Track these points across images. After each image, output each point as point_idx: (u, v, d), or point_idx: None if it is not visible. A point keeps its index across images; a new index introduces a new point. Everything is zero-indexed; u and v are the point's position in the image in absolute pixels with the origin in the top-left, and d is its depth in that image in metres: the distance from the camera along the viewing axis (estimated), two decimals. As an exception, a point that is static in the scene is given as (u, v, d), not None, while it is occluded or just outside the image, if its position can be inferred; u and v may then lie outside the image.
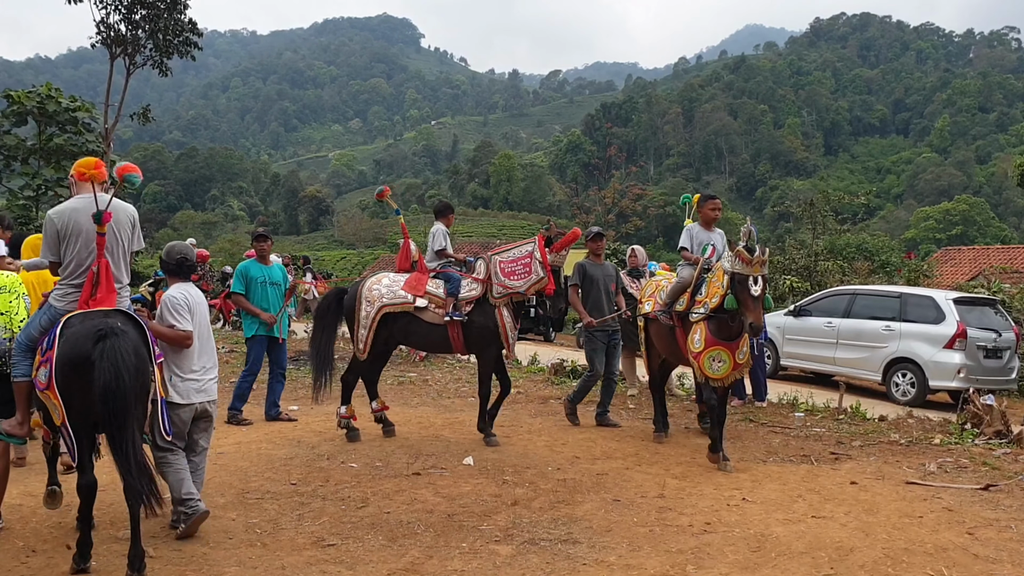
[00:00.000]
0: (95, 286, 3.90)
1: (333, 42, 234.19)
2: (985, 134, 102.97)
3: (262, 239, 7.90)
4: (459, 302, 6.55)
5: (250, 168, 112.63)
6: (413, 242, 7.27)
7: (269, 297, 7.62)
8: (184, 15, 22.38)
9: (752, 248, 5.56)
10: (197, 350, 4.47)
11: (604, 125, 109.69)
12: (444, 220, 7.29)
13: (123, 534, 4.26)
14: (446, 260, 7.03)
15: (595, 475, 5.74)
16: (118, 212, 4.09)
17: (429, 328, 6.64)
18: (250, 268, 7.67)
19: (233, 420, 7.38)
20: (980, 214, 64.68)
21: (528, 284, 6.42)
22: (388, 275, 6.99)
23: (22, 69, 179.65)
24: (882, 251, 23.17)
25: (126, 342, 3.71)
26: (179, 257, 4.59)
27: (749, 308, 5.55)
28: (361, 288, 6.85)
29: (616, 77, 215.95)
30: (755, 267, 5.52)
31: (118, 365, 3.61)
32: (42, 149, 23.72)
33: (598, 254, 7.98)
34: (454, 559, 4.04)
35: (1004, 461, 6.43)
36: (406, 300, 6.63)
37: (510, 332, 6.59)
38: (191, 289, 4.60)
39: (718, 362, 5.98)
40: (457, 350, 6.84)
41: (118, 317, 3.85)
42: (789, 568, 3.99)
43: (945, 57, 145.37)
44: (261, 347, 7.67)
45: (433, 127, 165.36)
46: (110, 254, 3.99)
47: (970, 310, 10.91)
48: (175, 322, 4.35)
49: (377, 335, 6.71)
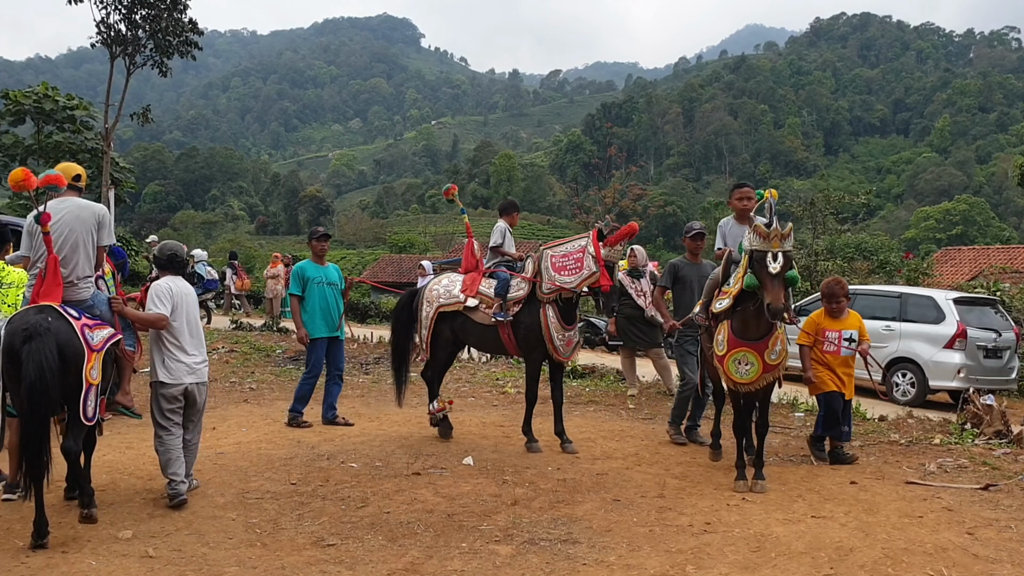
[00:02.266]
0: (43, 281, 4.38)
1: (333, 42, 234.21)
2: (985, 134, 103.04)
3: (324, 238, 7.62)
4: (507, 302, 6.38)
5: (250, 168, 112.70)
6: (476, 241, 7.07)
7: (327, 298, 7.39)
8: (184, 15, 22.37)
9: (770, 221, 5.05)
10: (186, 336, 4.95)
11: (604, 125, 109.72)
12: (508, 218, 7.09)
13: (123, 534, 4.26)
14: (501, 258, 6.86)
15: (595, 475, 5.74)
16: (80, 211, 4.62)
17: (482, 329, 6.54)
18: (307, 268, 7.46)
19: (293, 423, 7.22)
20: (980, 214, 64.72)
21: (579, 279, 6.12)
22: (450, 275, 6.95)
23: (22, 69, 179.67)
24: (881, 251, 23.16)
25: (48, 342, 4.10)
26: (169, 254, 5.14)
27: (767, 287, 4.98)
28: (424, 288, 6.89)
29: (616, 77, 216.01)
30: (773, 241, 5.00)
31: (41, 365, 4.05)
32: (40, 148, 23.71)
33: (695, 253, 7.28)
34: (454, 559, 4.04)
35: (1004, 461, 6.43)
36: (458, 299, 6.57)
37: (554, 333, 6.25)
38: (178, 282, 5.09)
39: (744, 365, 5.39)
40: (512, 352, 6.69)
41: (49, 313, 4.25)
42: (789, 568, 3.99)
43: (945, 57, 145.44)
44: (321, 349, 7.44)
45: (433, 127, 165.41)
46: (68, 251, 4.49)
47: (970, 310, 10.91)
48: (153, 306, 4.86)
49: (436, 335, 6.67)
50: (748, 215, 5.92)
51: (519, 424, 7.65)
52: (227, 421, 7.45)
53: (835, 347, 6.23)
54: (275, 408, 8.30)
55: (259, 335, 14.26)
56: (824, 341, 6.27)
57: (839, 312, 6.35)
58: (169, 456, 4.81)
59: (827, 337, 6.27)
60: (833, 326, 6.30)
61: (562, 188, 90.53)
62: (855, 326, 6.36)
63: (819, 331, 6.30)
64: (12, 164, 25.19)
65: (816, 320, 6.38)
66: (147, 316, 4.85)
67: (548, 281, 6.23)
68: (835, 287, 6.40)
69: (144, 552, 4.01)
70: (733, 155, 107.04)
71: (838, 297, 6.35)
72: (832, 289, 6.39)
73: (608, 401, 9.27)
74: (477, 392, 9.70)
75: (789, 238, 5.07)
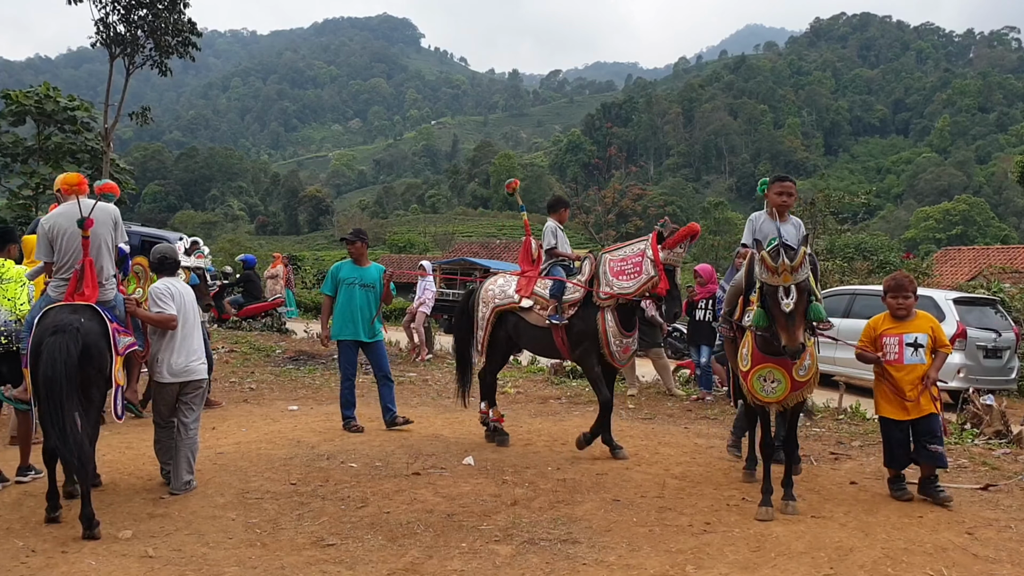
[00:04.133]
0: (80, 282, 4.56)
1: (333, 42, 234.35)
2: (985, 134, 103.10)
3: (352, 241, 7.40)
4: (562, 305, 6.20)
5: (250, 168, 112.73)
6: (534, 239, 6.86)
7: (354, 299, 7.18)
8: (183, 15, 22.38)
9: (776, 252, 4.41)
10: (181, 337, 5.14)
11: (604, 125, 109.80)
12: (556, 216, 6.79)
13: (123, 534, 4.26)
14: (556, 260, 6.60)
15: (595, 475, 5.74)
16: (100, 214, 4.74)
17: (536, 331, 6.40)
18: (341, 268, 7.31)
19: (349, 428, 7.08)
20: (980, 214, 64.74)
21: (638, 284, 5.88)
22: (505, 275, 6.87)
23: (22, 69, 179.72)
24: (881, 251, 23.19)
25: (72, 338, 4.27)
26: (160, 256, 5.37)
27: (780, 326, 4.38)
28: (480, 289, 6.81)
29: (616, 77, 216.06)
30: (782, 275, 4.35)
31: (55, 358, 4.20)
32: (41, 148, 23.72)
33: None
34: (454, 559, 4.04)
35: (1004, 461, 6.43)
36: (512, 299, 6.48)
37: (612, 339, 6.03)
38: (176, 282, 5.33)
39: (771, 382, 4.81)
40: (565, 355, 6.52)
41: (84, 313, 4.45)
42: (789, 568, 3.99)
43: (945, 57, 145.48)
44: (350, 351, 7.25)
45: (433, 127, 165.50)
46: (96, 253, 4.66)
47: (970, 310, 10.92)
48: (160, 308, 5.08)
49: (493, 336, 6.58)
50: (786, 213, 5.48)
51: (519, 424, 7.67)
52: (227, 421, 7.45)
53: (896, 355, 5.16)
54: (275, 408, 8.31)
55: (259, 335, 14.27)
56: (882, 348, 5.23)
57: (904, 312, 5.24)
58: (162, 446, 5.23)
59: (884, 344, 5.22)
60: (893, 329, 5.24)
61: (562, 188, 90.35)
62: (923, 328, 5.20)
63: (877, 337, 5.28)
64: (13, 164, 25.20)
65: (874, 325, 5.36)
66: (158, 317, 5.07)
67: (606, 286, 6.04)
68: (902, 280, 5.30)
69: (144, 552, 4.01)
70: (733, 155, 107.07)
71: (906, 290, 5.23)
72: (899, 282, 5.29)
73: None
74: (477, 392, 9.68)
75: (801, 268, 4.40)
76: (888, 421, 5.19)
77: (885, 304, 5.33)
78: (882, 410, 5.23)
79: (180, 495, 4.98)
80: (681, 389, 9.96)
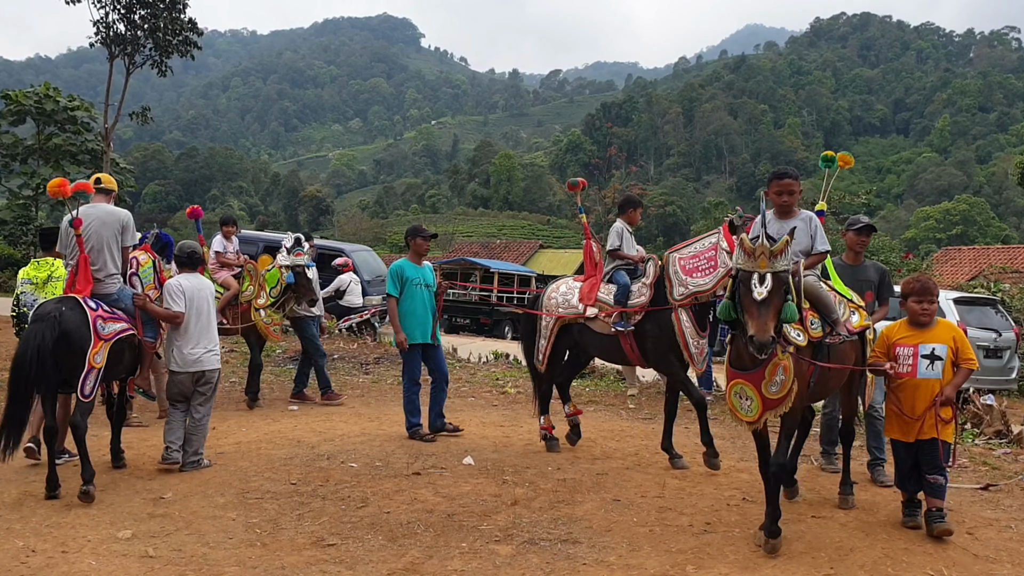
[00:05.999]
0: (75, 276, 5.10)
1: (333, 42, 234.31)
2: (985, 134, 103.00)
3: (431, 237, 7.23)
4: (628, 310, 5.94)
5: (250, 168, 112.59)
6: (595, 242, 6.63)
7: (425, 300, 6.96)
8: (183, 15, 22.39)
9: (757, 235, 4.09)
10: (193, 330, 5.61)
11: (604, 125, 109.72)
12: (625, 216, 6.57)
13: (123, 534, 4.26)
14: (620, 262, 6.35)
15: (595, 475, 5.74)
16: (107, 217, 5.30)
17: (601, 339, 6.14)
18: (406, 268, 6.96)
19: (415, 436, 6.80)
20: (980, 214, 64.67)
21: (716, 279, 5.57)
22: (567, 281, 6.58)
23: (22, 69, 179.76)
24: (882, 251, 23.19)
25: (50, 326, 4.75)
26: (189, 251, 5.91)
27: (750, 314, 3.96)
28: (543, 296, 6.58)
29: (616, 77, 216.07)
30: (760, 260, 3.96)
31: (29, 343, 4.73)
32: (41, 148, 23.71)
33: (857, 252, 6.06)
34: (454, 559, 4.04)
35: (1004, 461, 6.43)
36: (576, 310, 6.21)
37: (690, 340, 5.73)
38: (193, 279, 5.77)
39: (744, 400, 4.31)
40: (636, 362, 6.20)
41: (67, 303, 4.94)
42: (789, 568, 3.99)
43: (945, 57, 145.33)
44: (416, 354, 6.93)
45: (433, 127, 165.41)
46: (95, 251, 5.18)
47: (970, 310, 10.92)
48: (169, 304, 5.59)
49: (556, 347, 6.37)
50: (791, 211, 4.96)
51: (519, 424, 7.67)
52: (227, 421, 7.44)
53: (909, 367, 4.56)
54: (275, 408, 8.30)
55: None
56: (895, 360, 4.63)
57: (927, 319, 4.61)
58: (170, 426, 5.63)
59: (898, 354, 4.62)
60: (909, 338, 4.62)
61: (562, 188, 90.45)
62: (943, 339, 4.54)
63: (890, 347, 4.69)
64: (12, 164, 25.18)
65: (888, 332, 4.78)
66: (165, 313, 5.57)
67: (679, 286, 5.75)
68: (927, 283, 4.69)
69: (144, 552, 4.01)
70: (733, 155, 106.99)
71: (931, 294, 4.60)
72: (925, 284, 4.66)
73: (608, 401, 9.27)
74: (477, 392, 9.70)
75: (782, 256, 3.98)
76: (894, 443, 4.69)
77: (905, 309, 4.73)
78: (888, 430, 4.72)
79: (181, 495, 4.98)
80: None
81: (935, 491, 4.50)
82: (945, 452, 4.43)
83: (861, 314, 5.00)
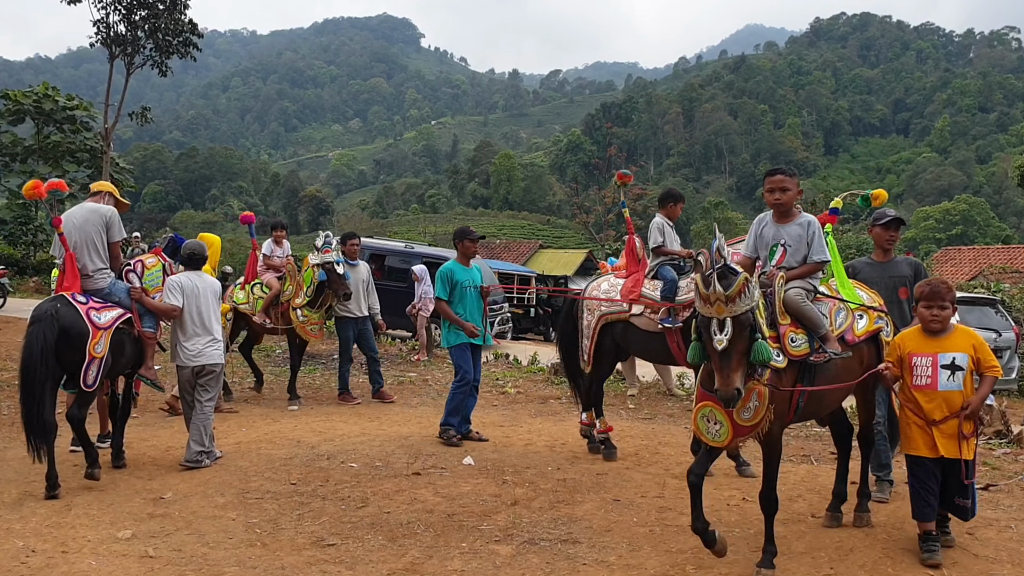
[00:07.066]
0: (63, 274, 5.30)
1: (333, 42, 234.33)
2: (985, 134, 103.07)
3: (478, 239, 7.11)
4: (675, 306, 5.72)
5: (250, 168, 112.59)
6: (638, 237, 6.40)
7: (475, 302, 6.88)
8: (184, 15, 22.38)
9: (708, 279, 3.61)
10: (192, 326, 5.79)
11: (604, 125, 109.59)
12: (665, 212, 6.37)
13: (123, 534, 4.26)
14: (665, 258, 6.17)
15: (595, 475, 5.74)
16: (89, 215, 5.45)
17: (646, 337, 5.91)
18: (455, 270, 6.86)
19: (444, 436, 6.61)
20: (980, 214, 64.69)
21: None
22: (608, 279, 6.40)
23: (22, 69, 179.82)
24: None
25: (48, 325, 4.93)
26: (189, 252, 6.08)
27: (714, 365, 3.64)
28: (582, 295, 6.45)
29: (616, 77, 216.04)
30: (715, 306, 3.58)
31: (32, 345, 4.89)
32: (40, 148, 23.71)
33: (887, 248, 5.61)
34: (454, 559, 4.04)
35: (1004, 461, 6.43)
36: (622, 309, 6.00)
37: None
38: (195, 277, 5.93)
39: (713, 424, 3.95)
40: (681, 362, 5.80)
41: (60, 300, 5.11)
42: (789, 568, 3.99)
43: (945, 57, 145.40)
44: (467, 354, 6.79)
45: (433, 127, 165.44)
46: (79, 248, 5.32)
47: (970, 310, 10.92)
48: (167, 299, 5.74)
49: (599, 346, 6.14)
50: (790, 212, 4.58)
51: (519, 424, 7.67)
52: (227, 421, 7.44)
53: (929, 379, 4.12)
54: (275, 408, 8.31)
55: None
56: (911, 370, 4.19)
57: (939, 326, 4.19)
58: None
59: (914, 365, 4.17)
60: (924, 348, 4.19)
61: (562, 188, 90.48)
62: (963, 347, 4.14)
63: (904, 357, 4.23)
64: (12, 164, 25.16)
65: (900, 341, 4.32)
66: (162, 306, 5.71)
67: None
68: (939, 286, 4.25)
69: (144, 552, 4.01)
70: (733, 155, 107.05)
71: (943, 299, 4.17)
72: (936, 288, 4.22)
73: (608, 401, 9.25)
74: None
75: (739, 299, 3.56)
76: (915, 460, 4.15)
77: (915, 315, 4.36)
78: (909, 446, 4.19)
79: (181, 495, 4.98)
80: (681, 389, 9.95)
81: (963, 513, 4.18)
82: (968, 470, 4.08)
83: (870, 316, 4.62)
